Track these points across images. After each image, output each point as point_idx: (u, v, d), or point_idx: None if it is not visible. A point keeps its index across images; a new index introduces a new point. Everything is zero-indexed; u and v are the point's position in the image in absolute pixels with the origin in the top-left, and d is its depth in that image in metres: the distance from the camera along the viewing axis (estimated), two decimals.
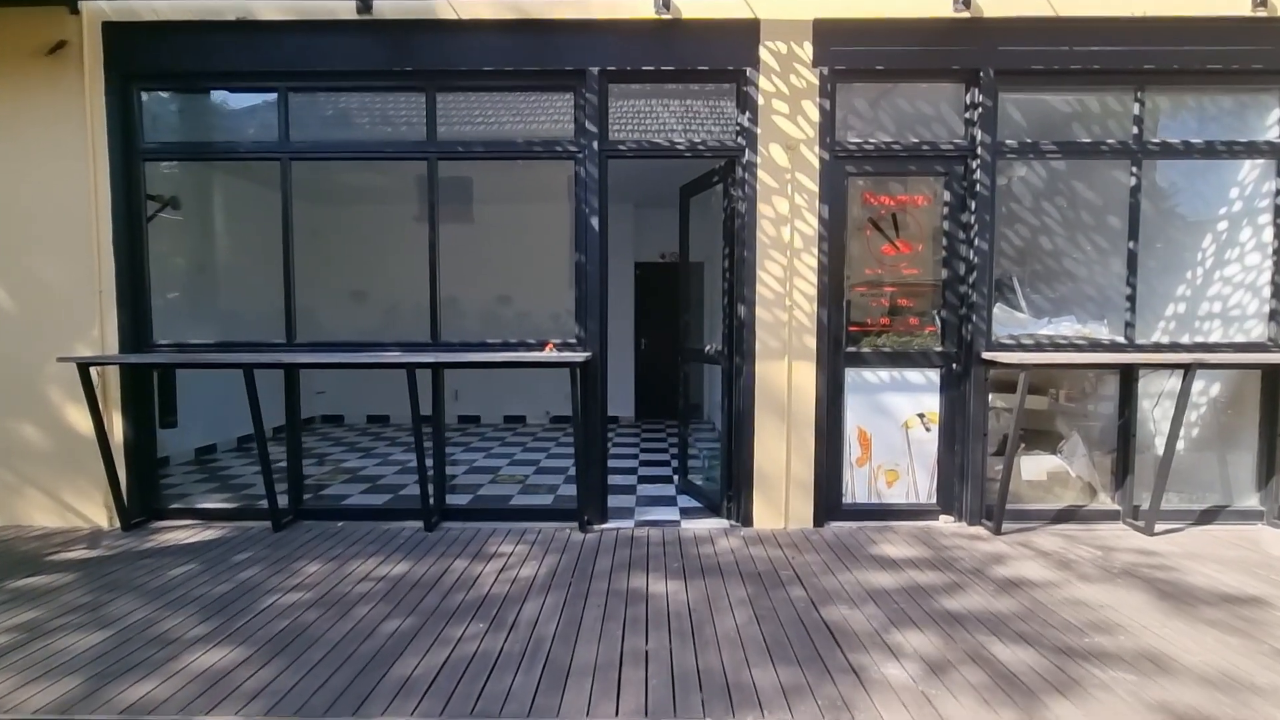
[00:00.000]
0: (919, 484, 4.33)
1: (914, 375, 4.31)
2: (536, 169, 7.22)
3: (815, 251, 4.14)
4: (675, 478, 5.48)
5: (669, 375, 6.31)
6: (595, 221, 4.15)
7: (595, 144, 4.12)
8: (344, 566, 3.58)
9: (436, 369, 4.24)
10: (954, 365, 4.27)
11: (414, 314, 4.25)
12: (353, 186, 8.32)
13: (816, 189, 4.12)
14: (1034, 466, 4.44)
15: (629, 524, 4.30)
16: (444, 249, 4.32)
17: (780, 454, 4.17)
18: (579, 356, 3.93)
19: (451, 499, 4.71)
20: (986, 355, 4.11)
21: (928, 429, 4.31)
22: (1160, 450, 4.09)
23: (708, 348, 4.71)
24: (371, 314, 8.63)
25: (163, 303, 4.47)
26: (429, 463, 4.15)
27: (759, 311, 4.16)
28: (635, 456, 6.57)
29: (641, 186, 7.70)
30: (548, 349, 4.11)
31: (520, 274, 8.56)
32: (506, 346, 4.29)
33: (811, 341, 4.16)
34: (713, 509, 4.54)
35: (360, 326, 8.30)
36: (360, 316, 8.61)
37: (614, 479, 5.46)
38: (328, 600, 3.16)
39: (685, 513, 4.56)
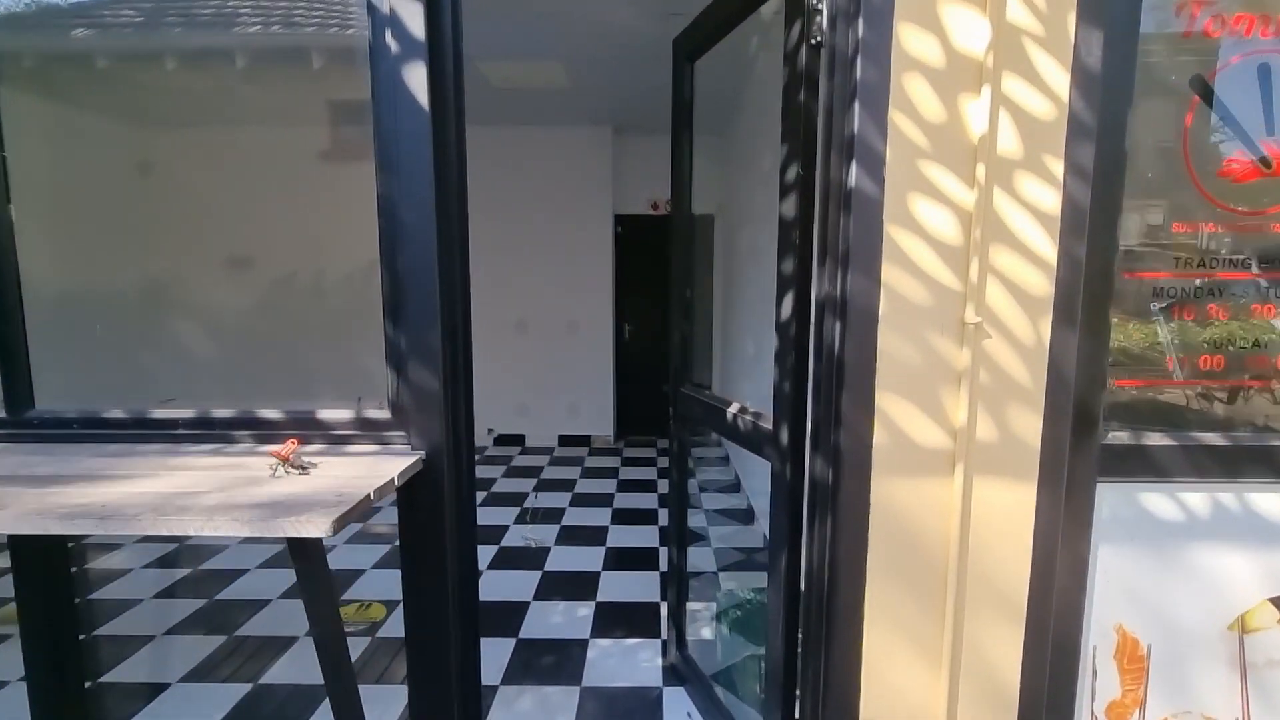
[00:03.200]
0: None
1: (1270, 501, 1.66)
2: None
3: (1059, 170, 1.44)
4: (663, 634, 2.86)
5: (663, 374, 3.66)
6: (417, 78, 1.45)
7: None
8: None
9: None
10: None
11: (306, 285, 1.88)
12: (204, 98, 5.57)
13: None
14: None
15: None
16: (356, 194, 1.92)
17: (926, 693, 1.58)
18: (349, 499, 1.19)
19: None
20: None
21: None
22: None
23: (734, 412, 2.04)
24: (251, 287, 5.99)
25: None
26: None
27: (886, 340, 1.49)
28: (602, 533, 3.98)
29: (622, 91, 4.92)
30: (278, 454, 1.43)
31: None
32: (193, 430, 1.66)
33: (1030, 422, 1.50)
34: None
35: (236, 303, 5.65)
36: (238, 289, 6.00)
37: (545, 610, 2.86)
38: None
39: None
